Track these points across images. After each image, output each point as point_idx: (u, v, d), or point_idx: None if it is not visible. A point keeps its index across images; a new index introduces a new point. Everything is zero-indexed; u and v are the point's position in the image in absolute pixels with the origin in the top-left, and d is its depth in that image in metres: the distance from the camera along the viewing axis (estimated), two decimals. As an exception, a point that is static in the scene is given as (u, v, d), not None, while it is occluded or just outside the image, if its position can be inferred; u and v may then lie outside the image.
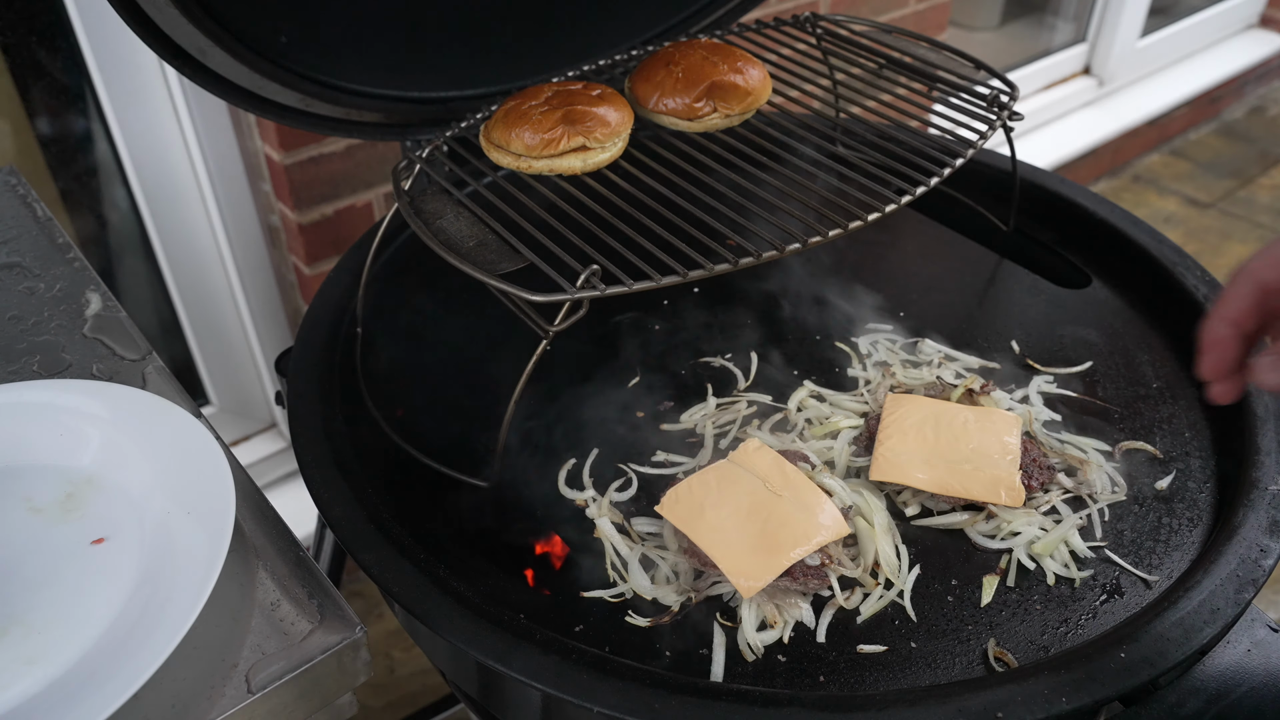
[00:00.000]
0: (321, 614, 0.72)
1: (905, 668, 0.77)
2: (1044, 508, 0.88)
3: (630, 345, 1.08)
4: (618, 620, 0.80)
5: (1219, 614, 0.74)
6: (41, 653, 0.67)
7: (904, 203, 0.92)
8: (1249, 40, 3.51)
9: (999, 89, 1.04)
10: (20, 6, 1.47)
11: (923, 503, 0.89)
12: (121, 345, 0.96)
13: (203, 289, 1.78)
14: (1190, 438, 0.95)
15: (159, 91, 1.55)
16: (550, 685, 0.70)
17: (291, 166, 1.55)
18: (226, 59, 0.98)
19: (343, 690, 0.72)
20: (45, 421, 0.83)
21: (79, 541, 0.75)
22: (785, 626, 0.79)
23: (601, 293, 0.81)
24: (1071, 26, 3.10)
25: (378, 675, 1.90)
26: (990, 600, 0.81)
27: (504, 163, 0.99)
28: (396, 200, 0.94)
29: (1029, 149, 2.94)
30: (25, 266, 1.06)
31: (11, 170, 1.20)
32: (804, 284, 1.16)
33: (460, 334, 1.06)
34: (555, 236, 0.88)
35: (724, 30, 1.22)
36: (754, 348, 1.06)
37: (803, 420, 0.98)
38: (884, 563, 0.83)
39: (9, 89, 1.52)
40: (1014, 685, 0.70)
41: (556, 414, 0.98)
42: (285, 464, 1.95)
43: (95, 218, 1.70)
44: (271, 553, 0.77)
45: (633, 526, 0.87)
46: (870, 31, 1.18)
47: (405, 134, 1.15)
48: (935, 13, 2.32)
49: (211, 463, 0.77)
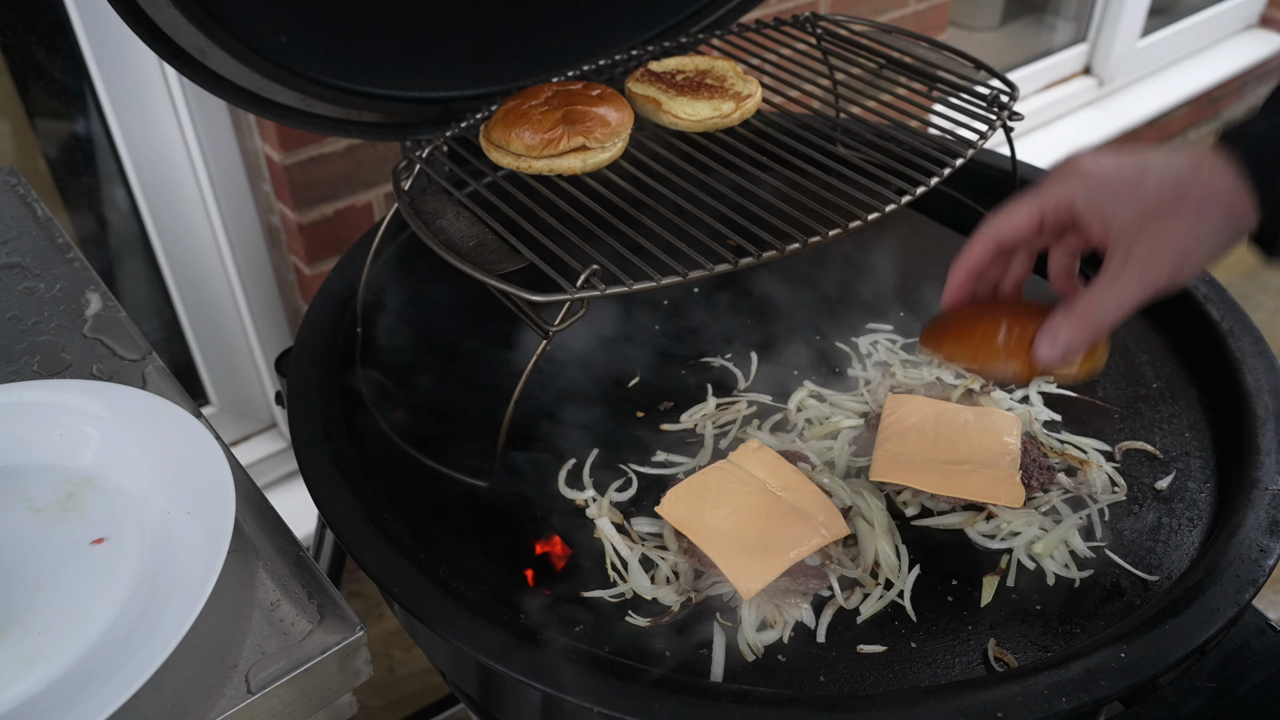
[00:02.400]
0: (321, 614, 0.72)
1: (905, 668, 0.77)
2: (1044, 508, 0.88)
3: (630, 345, 1.08)
4: (618, 620, 0.80)
5: (1219, 614, 0.74)
6: (41, 653, 0.67)
7: (904, 203, 0.92)
8: (1249, 40, 3.51)
9: (999, 89, 1.04)
10: (20, 6, 1.47)
11: (923, 503, 0.89)
12: (121, 345, 0.96)
13: (203, 289, 1.77)
14: (1190, 438, 0.95)
15: (159, 91, 1.55)
16: (550, 685, 0.70)
17: (291, 166, 1.55)
18: (226, 59, 0.98)
19: (343, 690, 0.72)
20: (45, 421, 0.83)
21: (79, 542, 0.75)
22: (785, 626, 0.79)
23: (601, 293, 0.81)
24: (1071, 26, 3.10)
25: (378, 675, 1.90)
26: (990, 600, 0.81)
27: (504, 163, 0.99)
28: (396, 200, 0.94)
29: (1029, 149, 2.94)
30: (25, 266, 1.06)
31: (11, 170, 1.20)
32: (804, 284, 1.16)
33: (460, 334, 1.06)
34: (555, 236, 0.88)
35: (724, 30, 1.22)
36: (754, 348, 1.06)
37: (803, 420, 0.98)
38: (884, 563, 0.83)
39: (9, 89, 1.52)
40: (1014, 685, 0.70)
41: (557, 414, 0.98)
42: (285, 464, 1.95)
43: (95, 218, 1.70)
44: (271, 553, 0.77)
45: (633, 526, 0.87)
46: (870, 31, 1.18)
47: (405, 134, 1.15)
48: (935, 13, 2.32)
49: (211, 463, 0.77)
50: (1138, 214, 0.67)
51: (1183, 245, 0.67)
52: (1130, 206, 0.67)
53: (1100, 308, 0.69)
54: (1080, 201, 0.69)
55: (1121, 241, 0.68)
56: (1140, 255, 0.67)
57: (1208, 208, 0.66)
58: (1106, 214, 0.68)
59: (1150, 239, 0.67)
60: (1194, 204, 0.66)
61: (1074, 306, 0.71)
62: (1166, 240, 0.67)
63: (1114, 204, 0.68)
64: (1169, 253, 0.67)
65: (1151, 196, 0.67)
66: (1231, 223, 0.67)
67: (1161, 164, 0.68)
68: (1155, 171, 0.67)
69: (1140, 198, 0.67)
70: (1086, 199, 0.69)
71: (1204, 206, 0.66)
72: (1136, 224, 0.67)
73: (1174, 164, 0.68)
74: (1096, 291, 0.69)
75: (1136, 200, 0.67)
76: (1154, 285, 0.68)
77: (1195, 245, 0.67)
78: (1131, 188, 0.67)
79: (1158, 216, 0.67)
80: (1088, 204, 0.69)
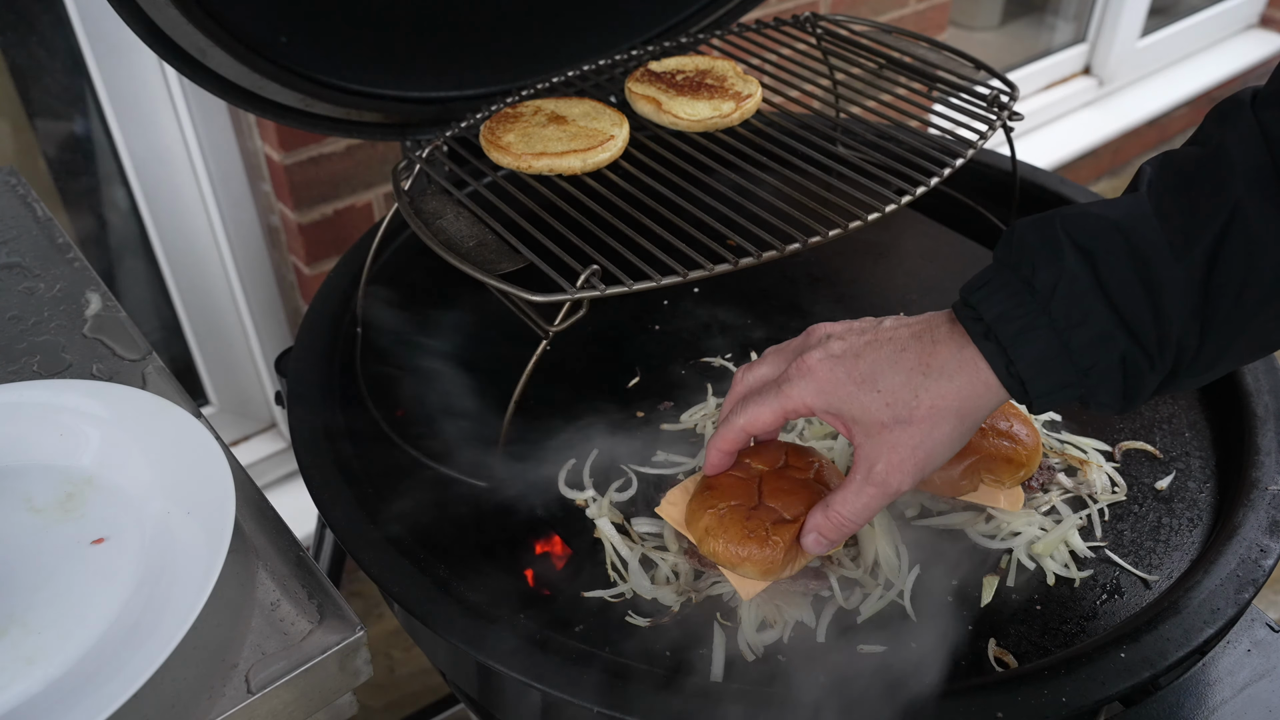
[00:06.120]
0: (321, 614, 0.72)
1: (905, 668, 0.76)
2: (1044, 508, 0.88)
3: (630, 345, 1.08)
4: (618, 620, 0.80)
5: (1219, 614, 0.74)
6: (41, 653, 0.67)
7: (904, 203, 0.92)
8: (1249, 40, 3.51)
9: (999, 89, 1.04)
10: (20, 6, 1.47)
11: (923, 503, 0.89)
12: (121, 345, 0.96)
13: (203, 289, 1.78)
14: (1190, 438, 0.95)
15: (159, 91, 1.55)
16: (550, 685, 0.70)
17: (291, 166, 1.55)
18: (226, 59, 0.98)
19: (343, 690, 0.72)
20: (45, 421, 0.83)
21: (79, 541, 0.75)
22: (785, 626, 0.79)
23: (601, 293, 0.81)
24: (1071, 26, 3.10)
25: (378, 675, 1.90)
26: (990, 600, 0.81)
27: (504, 162, 0.99)
28: (396, 200, 0.94)
29: (1029, 149, 2.94)
30: (25, 266, 1.06)
31: (11, 170, 1.20)
32: (805, 284, 1.16)
33: (460, 334, 1.06)
34: (555, 236, 0.88)
35: (724, 30, 1.22)
36: (754, 348, 1.06)
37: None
38: (884, 563, 0.83)
39: (9, 89, 1.52)
40: (1014, 685, 0.70)
41: (556, 414, 0.98)
42: (285, 464, 1.95)
43: (95, 218, 1.70)
44: (271, 553, 0.77)
45: (633, 527, 0.87)
46: (870, 31, 1.18)
47: (405, 134, 1.15)
48: (935, 13, 2.32)
49: (211, 463, 0.77)
50: (872, 423, 0.68)
51: (920, 454, 0.68)
52: (864, 414, 0.69)
53: (851, 512, 0.71)
54: (819, 408, 0.71)
55: (862, 449, 0.69)
56: (880, 471, 0.69)
57: (939, 417, 0.67)
58: (845, 418, 0.70)
59: (887, 454, 0.68)
60: (924, 417, 0.67)
61: (829, 506, 0.72)
62: (902, 451, 0.68)
63: (849, 409, 0.69)
64: (907, 463, 0.68)
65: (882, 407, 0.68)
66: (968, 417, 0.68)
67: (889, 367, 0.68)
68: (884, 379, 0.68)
69: (871, 409, 0.68)
70: (825, 405, 0.70)
71: (934, 417, 0.67)
72: (875, 432, 0.68)
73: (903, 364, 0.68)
74: (848, 495, 0.71)
75: (868, 411, 0.68)
76: (899, 490, 0.69)
77: (933, 450, 0.68)
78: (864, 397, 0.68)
79: (892, 427, 0.68)
80: (826, 409, 0.70)
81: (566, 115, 1.05)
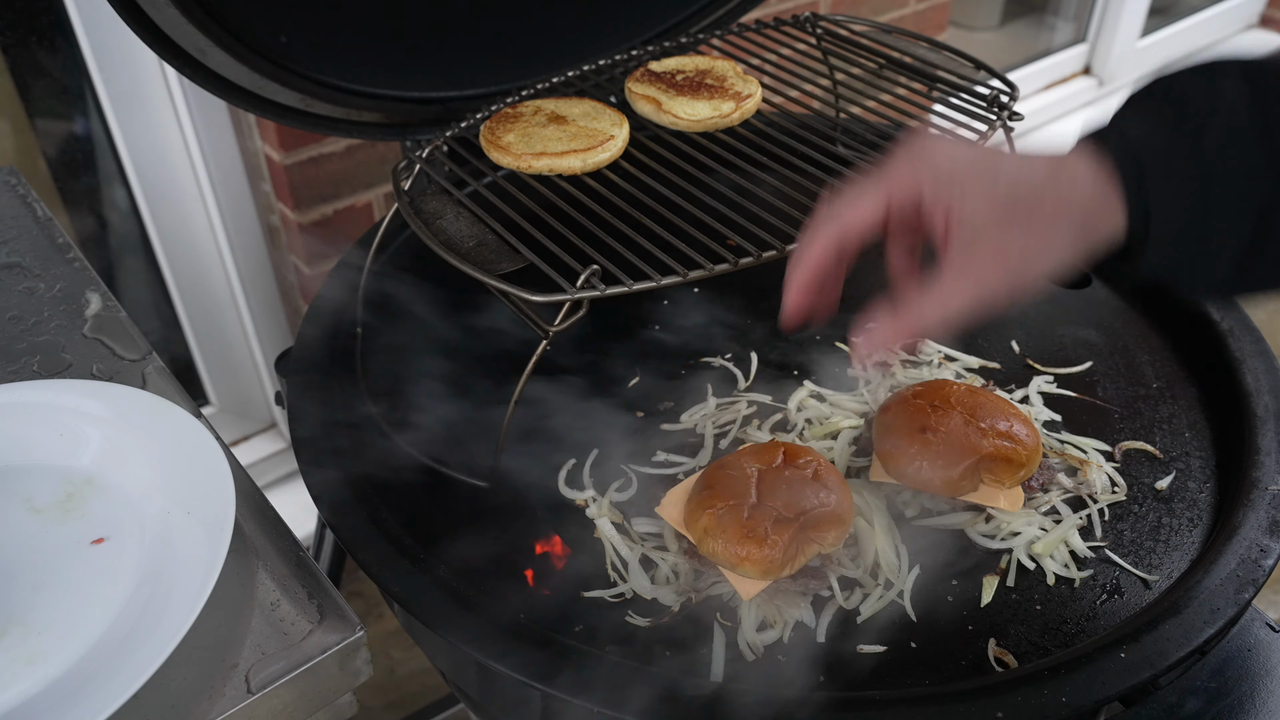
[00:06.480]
0: (321, 614, 0.72)
1: (905, 668, 0.77)
2: (1044, 508, 0.88)
3: (630, 345, 1.08)
4: (618, 620, 0.80)
5: (1219, 614, 0.74)
6: (41, 653, 0.67)
7: (904, 203, 0.91)
8: (1249, 40, 3.50)
9: (999, 89, 1.04)
10: (20, 6, 1.47)
11: (923, 503, 0.89)
12: (121, 345, 0.96)
13: (203, 289, 1.78)
14: (1190, 438, 0.95)
15: (159, 91, 1.55)
16: (550, 685, 0.70)
17: (291, 166, 1.55)
18: (226, 59, 0.98)
19: (343, 690, 0.72)
20: (45, 421, 0.83)
21: (79, 542, 0.75)
22: (785, 626, 0.79)
23: (601, 293, 0.81)
24: (1071, 26, 3.10)
25: (378, 675, 1.89)
26: (990, 600, 0.81)
27: (504, 162, 0.99)
28: (396, 200, 0.94)
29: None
30: (25, 266, 1.06)
31: (11, 170, 1.20)
32: (804, 284, 1.15)
33: (460, 333, 1.06)
34: (555, 236, 0.88)
35: (724, 30, 1.22)
36: (754, 348, 1.06)
37: (802, 420, 0.98)
38: (884, 563, 0.83)
39: (9, 89, 1.52)
40: (1014, 685, 0.70)
41: (556, 414, 0.98)
42: (285, 464, 1.95)
43: (95, 218, 1.70)
44: (271, 553, 0.77)
45: (633, 527, 0.87)
46: (870, 31, 1.18)
47: (405, 134, 1.15)
48: (935, 13, 2.32)
49: (211, 463, 0.77)
50: (985, 214, 0.61)
51: (1026, 256, 0.61)
52: (978, 204, 0.61)
53: (924, 312, 0.64)
54: (929, 194, 0.62)
55: (962, 242, 0.61)
56: (978, 261, 0.61)
57: (1062, 218, 0.60)
58: (953, 209, 0.62)
59: (992, 244, 0.61)
60: (1048, 213, 0.60)
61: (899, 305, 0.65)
62: (1010, 248, 0.61)
63: (961, 200, 0.61)
64: (1010, 262, 0.61)
65: (1003, 197, 0.60)
66: (1086, 234, 0.61)
67: (1015, 166, 0.61)
68: (1009, 173, 0.61)
69: (991, 196, 0.61)
70: (934, 191, 0.62)
71: (1058, 216, 0.60)
72: (981, 225, 0.61)
73: (1030, 168, 0.61)
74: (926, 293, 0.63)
75: (986, 199, 0.61)
76: (988, 294, 0.62)
77: (1039, 257, 0.61)
78: (983, 185, 0.61)
79: (1005, 221, 0.60)
80: (934, 196, 0.62)
81: (566, 115, 1.05)
